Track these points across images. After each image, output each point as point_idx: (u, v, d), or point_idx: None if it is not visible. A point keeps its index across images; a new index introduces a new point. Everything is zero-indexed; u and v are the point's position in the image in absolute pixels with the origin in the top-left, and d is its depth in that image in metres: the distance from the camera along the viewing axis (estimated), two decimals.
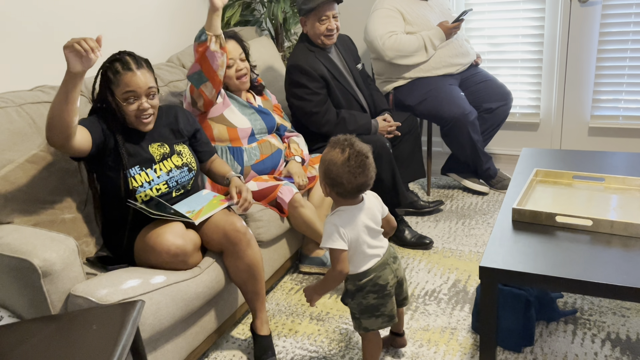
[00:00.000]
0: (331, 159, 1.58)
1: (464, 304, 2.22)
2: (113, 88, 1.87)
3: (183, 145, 2.08)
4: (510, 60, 3.52)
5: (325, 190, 1.64)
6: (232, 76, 2.42)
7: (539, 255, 1.52)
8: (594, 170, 2.04)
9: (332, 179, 1.58)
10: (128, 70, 1.86)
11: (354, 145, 1.58)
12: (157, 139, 2.01)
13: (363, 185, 1.60)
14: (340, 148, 1.58)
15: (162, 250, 1.79)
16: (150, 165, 1.94)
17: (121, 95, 1.87)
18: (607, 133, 3.43)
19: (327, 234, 1.60)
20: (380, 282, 1.67)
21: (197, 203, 2.01)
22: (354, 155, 1.56)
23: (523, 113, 3.61)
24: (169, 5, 2.97)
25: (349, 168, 1.55)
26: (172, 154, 2.02)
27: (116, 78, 1.86)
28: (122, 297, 1.62)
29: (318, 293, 1.71)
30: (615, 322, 2.00)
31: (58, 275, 1.58)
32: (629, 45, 3.19)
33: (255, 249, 1.96)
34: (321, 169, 1.62)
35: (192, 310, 1.84)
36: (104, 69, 1.89)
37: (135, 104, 1.88)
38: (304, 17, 2.69)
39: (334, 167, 1.57)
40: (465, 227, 2.85)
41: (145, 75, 1.89)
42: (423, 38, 2.99)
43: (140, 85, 1.87)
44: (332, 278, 1.64)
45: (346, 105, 2.75)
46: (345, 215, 1.62)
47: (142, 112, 1.90)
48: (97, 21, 2.53)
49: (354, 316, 1.73)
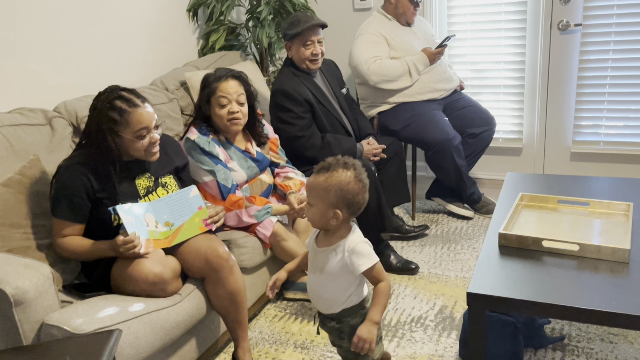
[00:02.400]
0: (341, 181, 1.48)
1: (450, 331, 2.18)
2: (119, 129, 1.78)
3: (169, 176, 2.03)
4: (493, 86, 3.56)
5: (337, 216, 1.50)
6: (223, 116, 2.25)
7: (526, 281, 1.50)
8: (578, 195, 2.04)
9: (350, 198, 1.49)
10: (135, 106, 1.80)
11: (351, 161, 1.53)
12: (145, 171, 1.95)
13: (367, 198, 1.56)
14: (341, 168, 1.50)
15: (139, 278, 1.74)
16: (135, 200, 1.89)
17: (133, 134, 1.80)
18: (588, 158, 3.46)
19: (366, 253, 1.50)
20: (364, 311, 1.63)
21: (179, 213, 1.93)
22: (359, 169, 1.53)
23: (506, 138, 3.64)
24: (152, 29, 2.96)
25: (360, 182, 1.51)
26: (156, 187, 1.97)
27: (124, 118, 1.78)
28: (98, 326, 1.56)
29: (378, 322, 1.51)
30: (603, 349, 1.98)
31: (31, 304, 1.52)
32: (609, 72, 3.25)
33: (237, 275, 1.91)
34: (329, 196, 1.48)
35: (171, 340, 1.77)
36: (103, 110, 1.78)
37: (147, 139, 1.83)
38: (289, 41, 2.69)
39: (349, 187, 1.48)
40: (451, 252, 2.83)
41: (149, 107, 1.85)
42: (407, 63, 3.01)
43: (150, 119, 1.83)
44: (389, 289, 1.53)
45: (331, 130, 2.74)
46: (359, 233, 1.57)
47: (152, 145, 1.86)
48: (78, 45, 2.50)
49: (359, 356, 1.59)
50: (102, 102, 1.81)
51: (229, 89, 2.25)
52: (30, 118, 2.05)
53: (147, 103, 1.84)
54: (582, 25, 3.21)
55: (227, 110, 2.25)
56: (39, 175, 1.90)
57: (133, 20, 2.82)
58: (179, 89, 2.78)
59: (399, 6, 3.09)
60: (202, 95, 2.29)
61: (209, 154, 2.23)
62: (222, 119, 2.26)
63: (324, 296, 1.58)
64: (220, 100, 2.24)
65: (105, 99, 1.80)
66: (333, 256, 1.52)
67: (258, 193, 2.39)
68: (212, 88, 2.26)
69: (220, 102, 2.25)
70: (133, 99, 1.82)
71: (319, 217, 1.52)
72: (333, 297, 1.56)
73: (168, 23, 3.07)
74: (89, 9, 2.55)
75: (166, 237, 1.88)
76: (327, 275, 1.54)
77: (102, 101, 1.80)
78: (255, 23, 3.24)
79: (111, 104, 1.79)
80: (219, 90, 2.24)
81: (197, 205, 1.97)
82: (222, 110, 2.25)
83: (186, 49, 3.23)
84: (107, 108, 1.78)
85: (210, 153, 2.23)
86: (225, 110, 2.25)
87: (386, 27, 3.09)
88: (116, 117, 1.78)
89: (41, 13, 2.31)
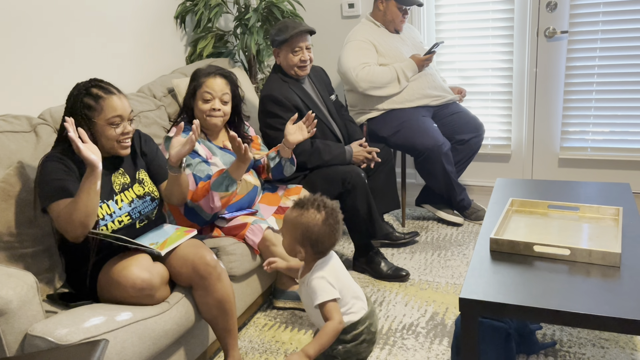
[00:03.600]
0: (309, 221, 1.54)
1: (442, 338, 2.17)
2: (93, 115, 1.78)
3: (143, 171, 2.02)
4: (481, 92, 3.58)
5: (300, 252, 1.58)
6: (204, 111, 2.30)
7: (518, 286, 1.49)
8: (568, 200, 2.04)
9: (314, 239, 1.55)
10: (111, 94, 1.81)
11: (326, 203, 1.57)
12: (118, 167, 1.94)
13: (338, 241, 1.59)
14: (314, 208, 1.55)
15: (127, 284, 1.70)
16: (111, 196, 1.87)
17: (106, 120, 1.79)
18: (576, 164, 3.49)
19: (319, 289, 1.54)
20: (373, 330, 1.63)
21: (159, 236, 1.94)
22: (331, 213, 1.56)
23: (495, 145, 3.66)
24: (139, 36, 2.94)
25: (329, 227, 1.55)
26: (133, 184, 1.95)
27: (98, 104, 1.78)
28: (84, 337, 1.52)
29: (310, 358, 1.51)
30: (595, 354, 1.98)
31: (14, 314, 1.48)
32: (595, 79, 3.28)
33: (226, 282, 1.89)
34: (297, 233, 1.56)
35: (160, 349, 1.74)
36: (78, 96, 1.79)
37: (120, 128, 1.82)
38: (277, 48, 2.68)
39: (315, 228, 1.54)
40: (441, 259, 2.82)
41: (125, 99, 1.85)
42: (396, 70, 3.02)
43: (125, 108, 1.83)
44: (334, 331, 1.52)
45: (320, 136, 2.73)
46: (324, 266, 1.59)
47: (125, 136, 1.84)
48: (65, 52, 2.47)
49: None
50: (78, 89, 1.81)
51: (215, 85, 2.30)
52: (15, 125, 2.02)
53: (121, 94, 1.85)
54: (569, 32, 3.24)
55: (209, 106, 2.30)
56: (23, 183, 1.87)
57: (120, 27, 2.79)
58: (166, 96, 2.76)
59: (387, 13, 3.09)
60: (189, 87, 2.35)
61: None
62: (202, 114, 2.32)
63: (313, 321, 1.69)
64: (204, 95, 2.30)
65: (82, 87, 1.82)
66: (304, 288, 1.62)
67: (243, 193, 2.38)
68: (199, 82, 2.32)
69: (204, 97, 2.30)
70: (109, 87, 1.83)
71: (288, 249, 1.62)
72: (319, 322, 1.62)
73: (155, 30, 3.05)
74: (76, 17, 2.52)
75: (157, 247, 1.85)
76: (304, 304, 1.68)
77: (79, 89, 1.81)
78: (244, 30, 3.23)
79: (87, 90, 1.80)
80: (205, 85, 2.30)
81: (175, 228, 2.02)
82: (204, 105, 2.31)
83: (174, 56, 3.21)
84: (82, 94, 1.79)
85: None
86: (208, 105, 2.30)
87: (375, 33, 3.10)
88: (91, 103, 1.78)
89: (28, 20, 2.28)
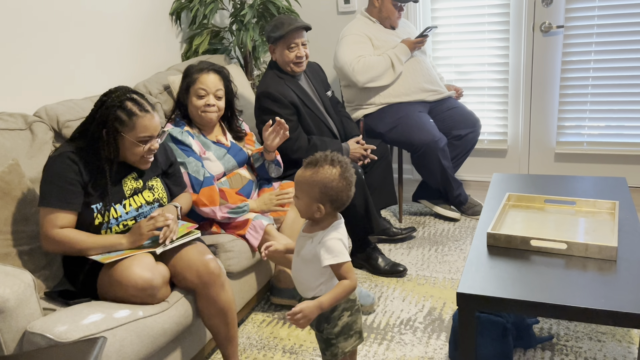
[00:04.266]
0: (325, 177, 1.53)
1: (440, 332, 2.18)
2: (124, 130, 1.77)
3: (156, 179, 2.00)
4: (478, 88, 3.59)
5: (320, 209, 1.55)
6: (199, 107, 2.29)
7: (515, 280, 1.49)
8: (564, 194, 2.05)
9: (333, 195, 1.54)
10: (145, 112, 1.79)
11: (339, 158, 1.57)
12: (131, 170, 1.92)
13: (352, 195, 1.58)
14: (327, 164, 1.55)
15: (129, 283, 1.70)
16: (120, 200, 1.86)
17: (136, 138, 1.78)
18: (572, 159, 3.50)
19: (335, 250, 1.53)
20: (351, 297, 1.63)
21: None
22: (345, 167, 1.56)
23: (491, 140, 3.66)
24: (135, 33, 2.92)
25: (345, 180, 1.55)
26: (144, 189, 1.93)
27: (132, 120, 1.76)
28: (82, 334, 1.52)
29: (323, 308, 1.55)
30: (591, 348, 1.99)
31: (12, 313, 1.47)
32: (591, 74, 3.29)
33: (229, 292, 1.89)
34: (314, 191, 1.54)
35: (158, 347, 1.74)
36: (112, 108, 1.76)
37: (147, 146, 1.82)
38: (273, 44, 2.68)
39: (333, 183, 1.53)
40: (439, 254, 2.83)
41: (157, 116, 1.84)
42: (389, 56, 3.01)
43: (157, 127, 1.83)
44: (350, 288, 1.55)
45: (317, 132, 2.73)
46: (340, 228, 1.59)
47: (150, 153, 1.84)
48: (60, 49, 2.46)
49: (329, 343, 1.65)
50: (112, 99, 1.78)
51: (208, 82, 2.31)
52: (10, 123, 2.01)
53: (155, 111, 1.84)
54: (564, 27, 3.25)
55: (203, 102, 2.30)
56: (19, 180, 1.86)
57: (116, 24, 2.78)
58: (162, 93, 2.75)
59: (383, 10, 3.09)
60: (183, 83, 2.35)
61: (181, 143, 2.24)
62: (197, 110, 2.31)
63: (298, 278, 1.65)
64: (198, 91, 2.30)
65: (116, 97, 1.78)
66: (309, 243, 1.59)
67: (237, 188, 2.38)
68: (192, 78, 2.32)
69: (198, 93, 2.30)
70: (144, 104, 1.81)
71: (304, 209, 1.59)
72: (305, 281, 1.62)
73: (151, 27, 3.04)
74: (71, 13, 2.51)
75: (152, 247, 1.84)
76: (302, 259, 1.61)
77: (113, 99, 1.78)
78: (239, 26, 3.22)
79: (122, 103, 1.77)
80: (198, 81, 2.30)
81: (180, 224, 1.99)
82: (198, 101, 2.31)
83: (169, 53, 3.20)
84: (116, 106, 1.77)
85: (183, 142, 2.24)
86: (202, 102, 2.30)
87: (370, 28, 3.09)
88: (124, 118, 1.77)
89: (23, 17, 2.26)
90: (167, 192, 2.03)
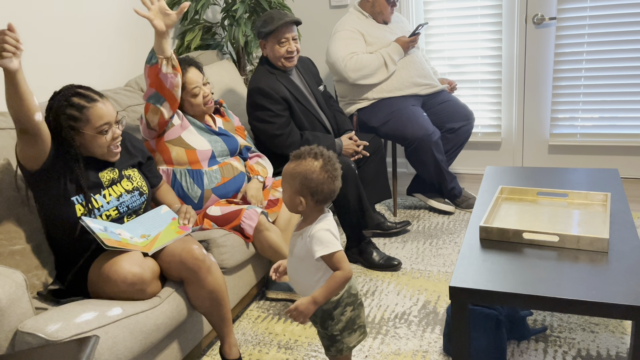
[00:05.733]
0: (307, 169, 1.54)
1: (434, 326, 2.18)
2: (80, 126, 1.77)
3: (133, 169, 2.01)
4: (471, 80, 3.58)
5: (302, 203, 1.56)
6: (200, 103, 2.35)
7: (508, 273, 1.50)
8: (557, 187, 2.06)
9: (313, 187, 1.54)
10: (94, 101, 1.79)
11: (322, 152, 1.58)
12: (107, 165, 1.93)
13: (337, 189, 1.59)
14: (311, 157, 1.56)
15: (118, 279, 1.70)
16: (99, 190, 1.86)
17: (95, 129, 1.79)
18: (566, 151, 3.51)
19: (325, 240, 1.53)
20: (353, 292, 1.63)
21: (154, 225, 1.93)
22: (328, 160, 1.56)
23: (485, 132, 3.67)
24: (126, 29, 2.91)
25: (327, 173, 1.55)
26: (121, 179, 1.94)
27: (83, 114, 1.77)
28: (75, 333, 1.52)
29: (318, 304, 1.57)
30: (585, 339, 2.00)
31: (4, 312, 1.47)
32: (584, 65, 3.29)
33: (216, 274, 1.89)
34: (295, 183, 1.55)
35: (152, 344, 1.74)
36: (60, 109, 1.75)
37: (109, 134, 1.83)
38: (263, 40, 2.67)
39: (313, 175, 1.54)
40: (433, 247, 2.84)
41: (108, 102, 1.84)
42: (382, 55, 3.01)
43: (111, 113, 1.83)
44: (344, 279, 1.55)
45: (309, 127, 2.73)
46: (327, 220, 1.59)
47: (115, 141, 1.85)
48: (51, 47, 2.45)
49: (334, 339, 1.63)
50: (58, 100, 1.78)
51: (195, 77, 2.34)
52: (0, 122, 1.99)
53: (104, 98, 1.84)
54: (557, 19, 3.25)
55: (201, 97, 2.36)
56: (10, 180, 1.85)
57: (107, 20, 2.76)
58: None
59: (375, 5, 3.08)
60: None
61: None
62: (200, 106, 2.36)
63: (295, 279, 1.65)
64: (193, 90, 2.33)
65: (61, 97, 1.78)
66: (300, 240, 1.59)
67: (229, 177, 2.39)
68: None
69: (193, 92, 2.34)
70: (90, 94, 1.81)
71: (288, 202, 1.59)
72: (303, 280, 1.62)
73: (142, 23, 3.01)
74: (61, 10, 2.49)
75: (144, 245, 1.84)
76: (296, 258, 1.61)
77: (59, 100, 1.78)
78: (231, 22, 3.21)
79: (68, 101, 1.77)
80: (188, 82, 2.32)
81: (171, 217, 2.00)
82: (196, 99, 2.35)
83: None
84: (64, 106, 1.77)
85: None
86: (200, 97, 2.35)
87: (363, 24, 3.08)
88: (76, 114, 1.77)
89: (14, 16, 2.25)
90: (145, 181, 2.04)
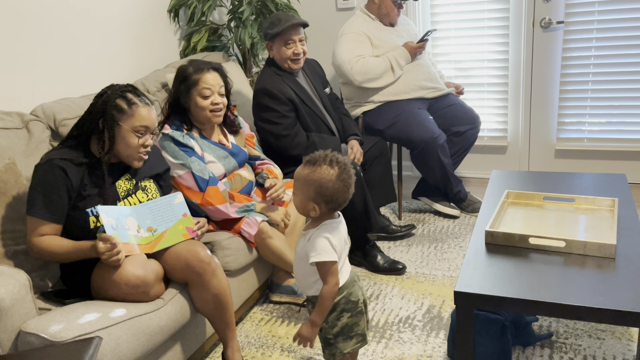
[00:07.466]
0: (322, 177, 1.52)
1: (439, 330, 2.17)
2: (121, 118, 1.78)
3: (149, 180, 2.00)
4: (477, 84, 3.57)
5: (314, 209, 1.55)
6: (206, 107, 2.23)
7: (513, 279, 1.48)
8: (564, 191, 2.04)
9: (328, 196, 1.53)
10: (145, 104, 1.82)
11: (338, 159, 1.55)
12: (125, 173, 1.92)
13: (350, 196, 1.58)
14: (326, 164, 1.53)
15: (121, 281, 1.69)
16: (114, 203, 1.85)
17: (133, 127, 1.79)
18: (573, 155, 3.48)
19: (320, 247, 1.53)
20: (352, 299, 1.62)
21: (163, 219, 1.89)
22: (344, 168, 1.54)
23: (491, 136, 3.65)
24: (132, 30, 2.91)
25: (342, 182, 1.53)
26: (136, 190, 1.93)
27: (130, 109, 1.79)
28: (78, 333, 1.52)
29: (317, 325, 1.58)
30: (591, 345, 1.98)
31: (7, 312, 1.47)
32: (591, 69, 3.27)
33: (220, 277, 1.88)
34: (309, 190, 1.54)
35: (155, 346, 1.73)
36: (112, 96, 1.79)
37: (142, 139, 1.83)
38: (270, 41, 2.66)
39: (329, 184, 1.52)
40: (438, 251, 2.82)
41: (154, 112, 1.86)
42: (389, 59, 3.00)
43: (153, 122, 1.84)
44: (330, 295, 1.55)
45: (315, 129, 2.72)
46: (331, 228, 1.57)
47: (144, 148, 1.84)
48: (57, 47, 2.45)
49: (327, 342, 1.65)
50: (113, 90, 1.82)
51: (211, 80, 2.25)
52: (6, 121, 2.00)
53: (152, 106, 1.86)
54: (564, 23, 3.23)
55: (210, 102, 2.25)
56: (15, 179, 1.85)
57: (113, 21, 2.77)
58: (160, 91, 2.74)
59: (382, 7, 3.07)
60: (181, 87, 2.25)
61: (184, 146, 2.20)
62: (205, 110, 2.25)
63: (297, 276, 1.67)
64: (203, 91, 2.23)
65: (117, 89, 1.83)
66: (302, 241, 1.60)
67: (238, 189, 2.36)
68: (193, 79, 2.23)
69: (203, 94, 2.24)
70: (143, 97, 1.85)
71: (300, 207, 1.59)
72: (302, 278, 1.63)
73: (149, 24, 3.03)
74: (68, 11, 2.49)
75: (148, 242, 1.83)
76: (297, 256, 1.63)
77: (114, 89, 1.82)
78: (237, 23, 3.21)
79: (123, 94, 1.81)
80: (201, 81, 2.23)
81: (182, 212, 1.95)
82: (204, 102, 2.24)
83: (167, 50, 3.19)
84: (117, 96, 1.80)
85: (186, 145, 2.21)
86: (208, 101, 2.24)
87: (369, 26, 3.08)
88: (124, 106, 1.79)
89: (19, 16, 2.25)
90: (160, 192, 2.02)
